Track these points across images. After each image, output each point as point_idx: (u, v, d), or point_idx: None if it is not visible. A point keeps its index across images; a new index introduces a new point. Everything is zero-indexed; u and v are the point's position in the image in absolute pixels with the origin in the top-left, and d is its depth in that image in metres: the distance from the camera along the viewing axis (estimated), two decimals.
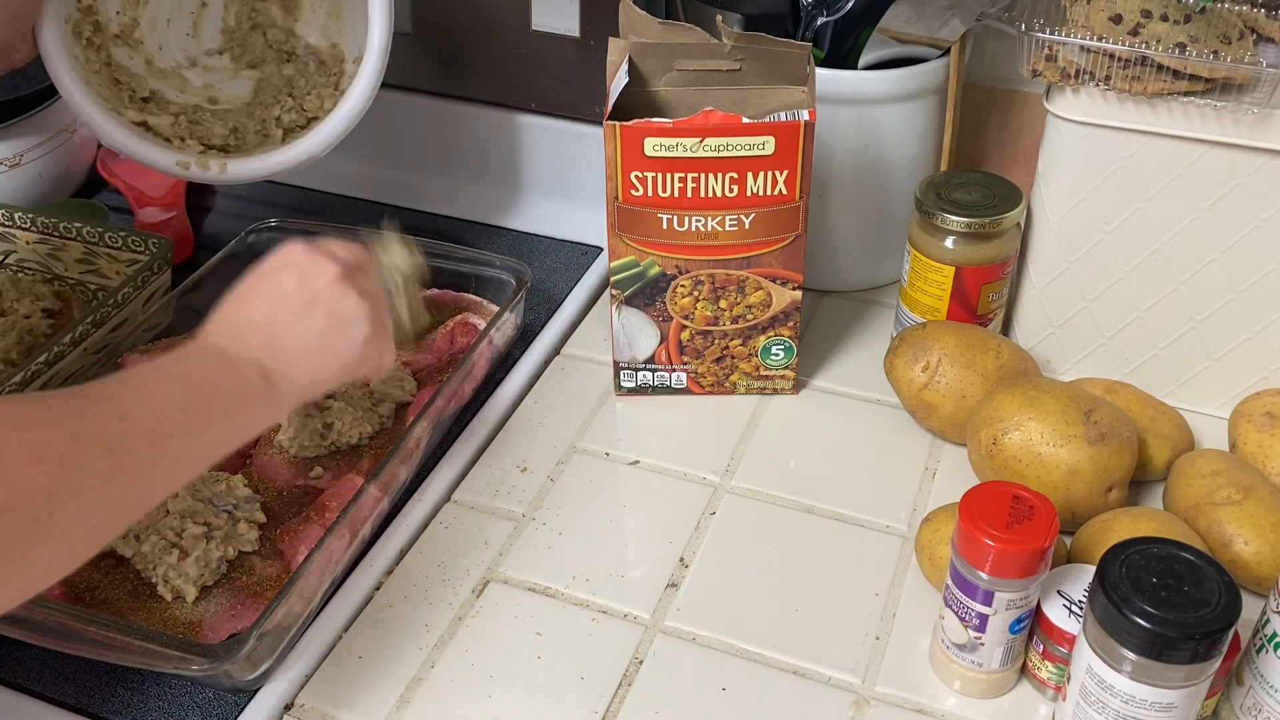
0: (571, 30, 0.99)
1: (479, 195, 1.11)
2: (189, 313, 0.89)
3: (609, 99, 0.77)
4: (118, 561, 0.72)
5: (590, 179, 1.03)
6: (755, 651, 0.69)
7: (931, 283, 0.84)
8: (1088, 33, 0.73)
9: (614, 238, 0.80)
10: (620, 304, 0.83)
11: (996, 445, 0.74)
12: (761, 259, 0.80)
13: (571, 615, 0.71)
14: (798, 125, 0.74)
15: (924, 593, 0.72)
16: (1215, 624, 0.54)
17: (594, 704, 0.66)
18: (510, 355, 0.91)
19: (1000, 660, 0.64)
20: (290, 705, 0.66)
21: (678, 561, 0.75)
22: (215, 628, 0.68)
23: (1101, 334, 0.84)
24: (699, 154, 0.75)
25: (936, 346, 0.80)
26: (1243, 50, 0.71)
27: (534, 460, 0.82)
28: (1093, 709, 0.59)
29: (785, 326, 0.84)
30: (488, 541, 0.76)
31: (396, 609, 0.72)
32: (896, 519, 0.77)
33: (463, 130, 1.09)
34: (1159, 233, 0.78)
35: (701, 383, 0.87)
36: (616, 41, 0.79)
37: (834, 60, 0.89)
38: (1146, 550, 0.58)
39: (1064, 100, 0.77)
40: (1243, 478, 0.72)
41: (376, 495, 0.74)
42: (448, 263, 0.94)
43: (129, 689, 0.67)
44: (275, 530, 0.74)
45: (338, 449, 0.80)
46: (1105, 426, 0.72)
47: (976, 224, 0.80)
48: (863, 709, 0.65)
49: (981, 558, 0.60)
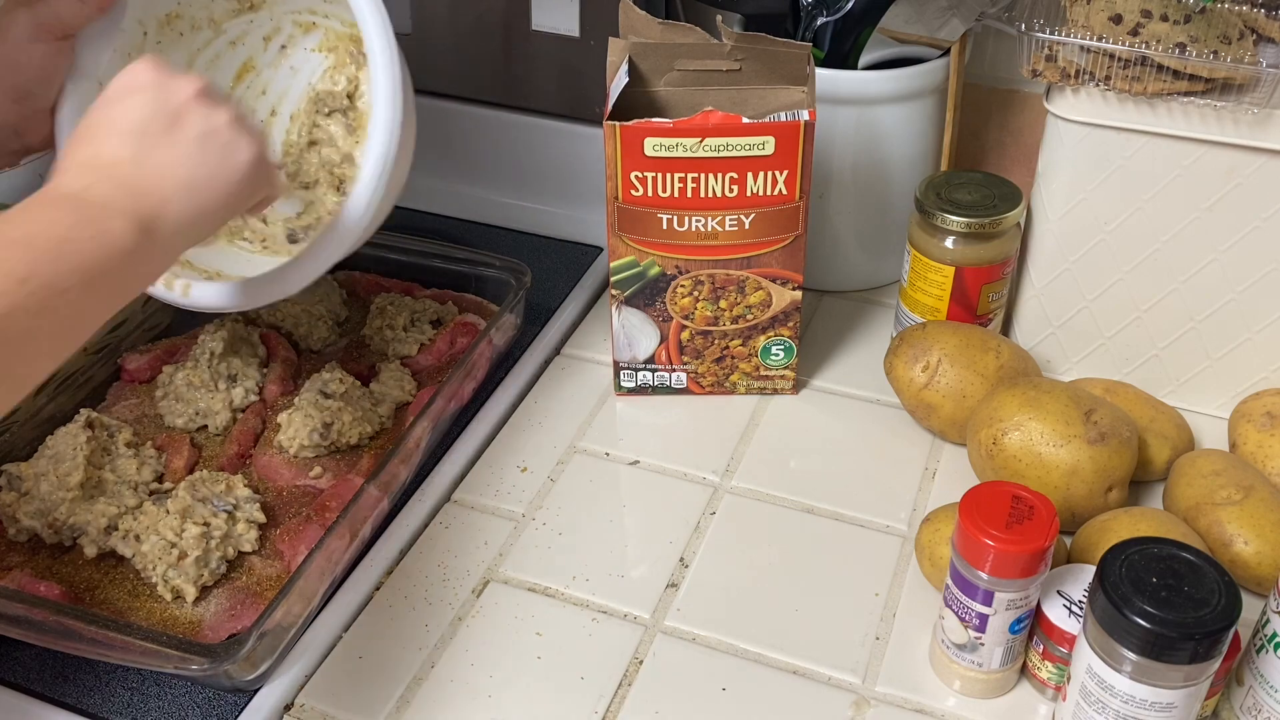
0: (571, 30, 0.99)
1: (479, 195, 1.11)
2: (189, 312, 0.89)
3: (609, 99, 0.77)
4: (118, 561, 0.72)
5: (590, 179, 1.03)
6: (755, 651, 0.69)
7: (931, 283, 0.84)
8: (1088, 33, 0.73)
9: (614, 238, 0.80)
10: (620, 304, 0.83)
11: (996, 445, 0.74)
12: (761, 259, 0.80)
13: (571, 615, 0.71)
14: (798, 125, 0.74)
15: (924, 593, 0.72)
16: (1215, 624, 0.54)
17: (594, 704, 0.66)
18: (510, 355, 0.91)
19: (1000, 660, 0.64)
20: (290, 705, 0.66)
21: (678, 561, 0.75)
22: (215, 628, 0.68)
23: (1101, 334, 0.84)
24: (699, 154, 0.75)
25: (936, 346, 0.80)
26: (1243, 50, 0.71)
27: (534, 460, 0.82)
28: (1093, 709, 0.59)
29: (785, 326, 0.84)
30: (488, 541, 0.76)
31: (396, 609, 0.72)
32: (896, 519, 0.77)
33: (463, 130, 1.09)
34: (1159, 233, 0.78)
35: (701, 383, 0.87)
36: (616, 41, 0.79)
37: (834, 60, 0.89)
38: (1146, 550, 0.58)
39: (1064, 100, 0.77)
40: (1243, 478, 0.72)
41: (376, 495, 0.74)
42: (447, 263, 0.94)
43: (129, 689, 0.67)
44: (275, 530, 0.74)
45: (338, 449, 0.80)
46: (1105, 426, 0.72)
47: (976, 224, 0.80)
48: (863, 709, 0.65)
49: (981, 558, 0.60)
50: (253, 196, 0.60)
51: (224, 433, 0.82)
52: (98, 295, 0.50)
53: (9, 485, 0.74)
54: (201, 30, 0.79)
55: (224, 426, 0.82)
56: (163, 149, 0.55)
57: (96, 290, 0.50)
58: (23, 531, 0.73)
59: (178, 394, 0.82)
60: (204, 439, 0.82)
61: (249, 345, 0.86)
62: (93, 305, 0.50)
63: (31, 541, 0.73)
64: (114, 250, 0.51)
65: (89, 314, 0.50)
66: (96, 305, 0.51)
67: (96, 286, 0.50)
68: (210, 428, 0.82)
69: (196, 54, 0.79)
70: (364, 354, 0.89)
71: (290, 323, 0.89)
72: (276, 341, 0.87)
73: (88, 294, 0.49)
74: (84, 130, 0.56)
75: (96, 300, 0.51)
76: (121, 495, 0.74)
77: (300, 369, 0.86)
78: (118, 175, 0.53)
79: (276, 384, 0.84)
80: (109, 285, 0.51)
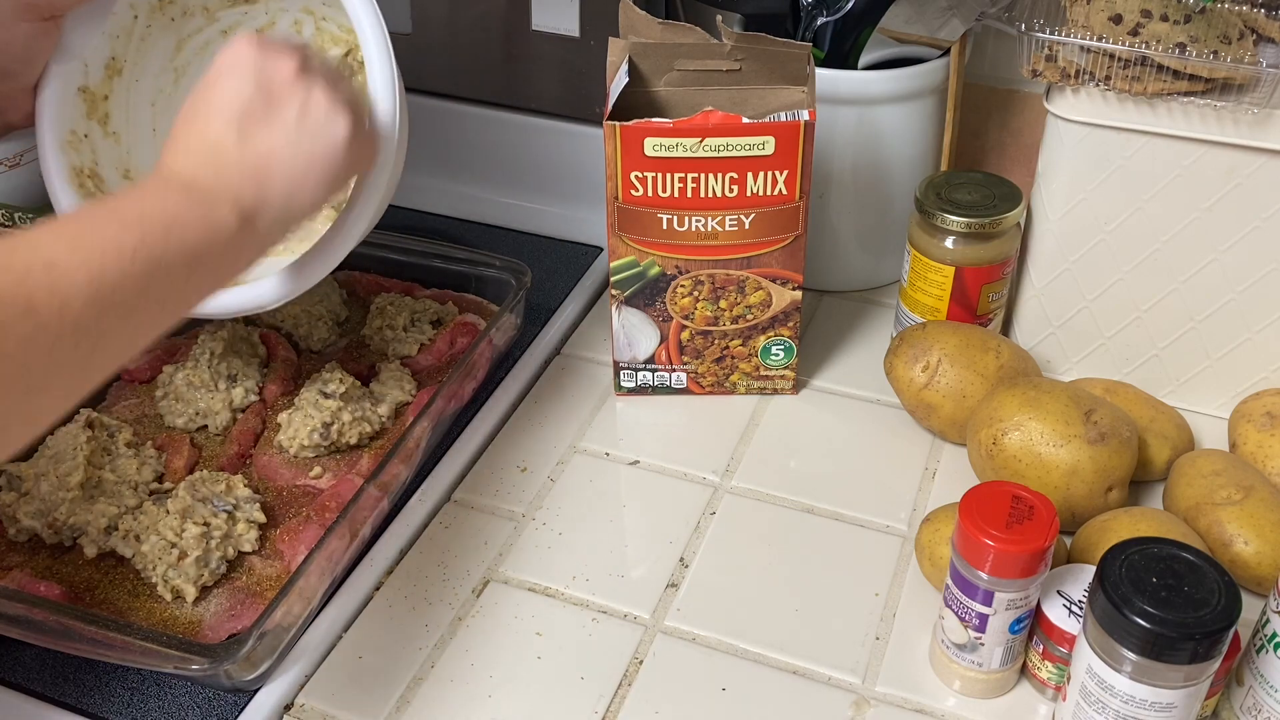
0: (571, 30, 0.99)
1: (479, 195, 1.11)
2: None
3: (609, 99, 0.77)
4: (118, 561, 0.72)
5: (590, 179, 1.03)
6: (755, 651, 0.69)
7: (931, 283, 0.84)
8: (1088, 33, 0.73)
9: (614, 238, 0.80)
10: (620, 304, 0.83)
11: (996, 445, 0.74)
12: (761, 259, 0.80)
13: (571, 615, 0.71)
14: (798, 125, 0.74)
15: (924, 593, 0.72)
16: (1215, 624, 0.54)
17: (594, 704, 0.66)
18: (510, 355, 0.91)
19: (1000, 660, 0.64)
20: (290, 705, 0.66)
21: (678, 561, 0.75)
22: (215, 628, 0.68)
23: (1101, 334, 0.84)
24: (699, 154, 0.75)
25: (936, 346, 0.80)
26: (1243, 50, 0.71)
27: (534, 460, 0.82)
28: (1093, 709, 0.59)
29: (785, 326, 0.84)
30: (488, 541, 0.76)
31: (396, 609, 0.72)
32: (896, 519, 0.77)
33: (463, 130, 1.09)
34: (1159, 233, 0.78)
35: (701, 383, 0.87)
36: (616, 41, 0.79)
37: (834, 60, 0.89)
38: (1146, 550, 0.58)
39: (1064, 100, 0.77)
40: (1243, 478, 0.72)
41: (376, 495, 0.74)
42: (447, 263, 0.94)
43: (129, 689, 0.67)
44: (275, 530, 0.74)
45: (338, 449, 0.80)
46: (1105, 426, 0.72)
47: (976, 224, 0.80)
48: (863, 709, 0.65)
49: (981, 558, 0.60)
50: (352, 171, 0.60)
51: (224, 433, 0.82)
52: (198, 277, 0.52)
53: (9, 485, 0.74)
54: (194, 16, 0.78)
55: (224, 426, 0.82)
56: (263, 132, 0.56)
57: (197, 272, 0.51)
58: (23, 531, 0.73)
59: (178, 394, 0.82)
60: (204, 439, 0.82)
61: (249, 345, 0.86)
62: (193, 287, 0.52)
63: (31, 541, 0.73)
64: (218, 235, 0.52)
65: (189, 295, 0.52)
66: (197, 287, 0.52)
67: (198, 269, 0.51)
68: (210, 428, 0.82)
69: (186, 40, 0.79)
70: (364, 354, 0.89)
71: (290, 323, 0.89)
72: (276, 341, 0.87)
73: (190, 275, 0.51)
74: (190, 110, 0.57)
75: (197, 282, 0.52)
76: (121, 495, 0.74)
77: (300, 369, 0.86)
78: (222, 159, 0.54)
79: (276, 384, 0.84)
80: (210, 268, 0.52)
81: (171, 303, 0.51)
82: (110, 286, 0.47)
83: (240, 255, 0.55)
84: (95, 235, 0.48)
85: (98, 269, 0.46)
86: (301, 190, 0.58)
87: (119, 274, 0.47)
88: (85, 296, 0.46)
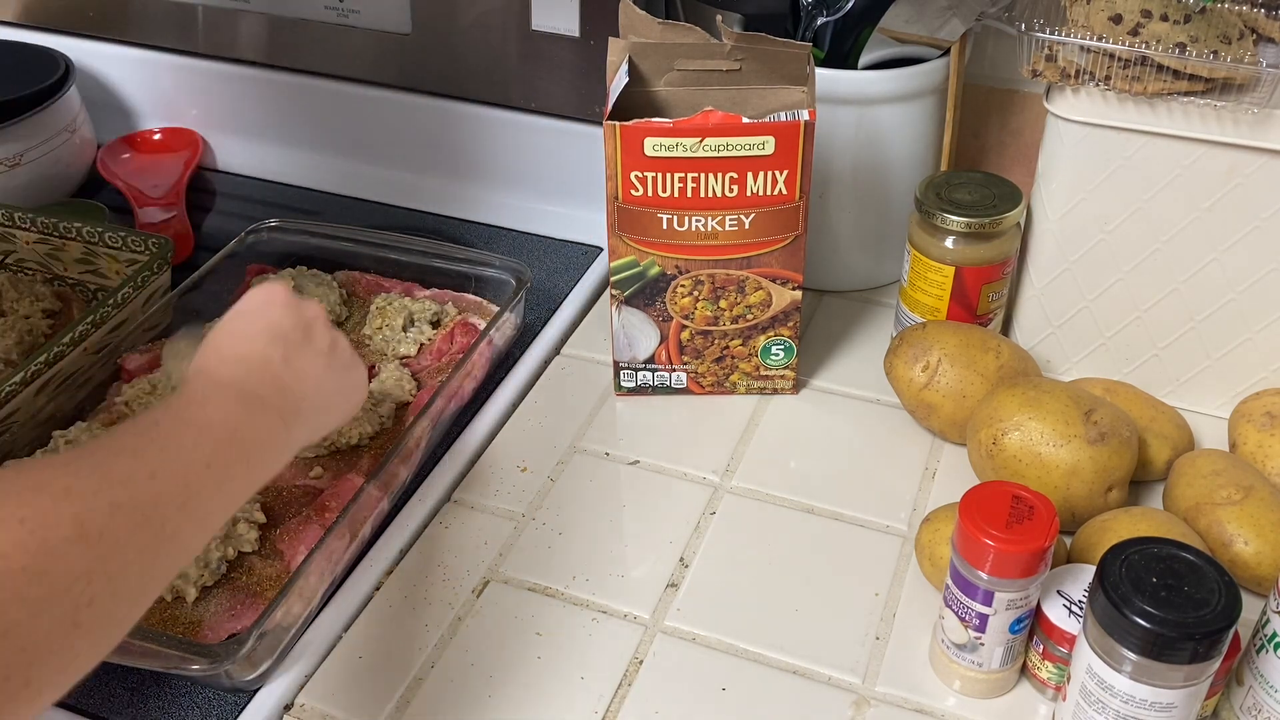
0: (571, 30, 0.99)
1: (479, 195, 1.11)
2: (189, 313, 0.89)
3: (609, 99, 0.77)
4: None
5: (590, 179, 1.03)
6: (755, 651, 0.69)
7: (931, 283, 0.84)
8: (1088, 33, 0.73)
9: (614, 238, 0.80)
10: (620, 304, 0.83)
11: (996, 445, 0.74)
12: (761, 259, 0.80)
13: (571, 615, 0.71)
14: (798, 125, 0.74)
15: (924, 593, 0.72)
16: (1215, 624, 0.54)
17: (594, 704, 0.66)
18: (510, 355, 0.91)
19: (1000, 660, 0.64)
20: (290, 705, 0.66)
21: (678, 561, 0.75)
22: (215, 628, 0.68)
23: (1101, 334, 0.84)
24: (699, 154, 0.75)
25: (936, 346, 0.80)
26: (1243, 50, 0.71)
27: (534, 460, 0.82)
28: (1093, 709, 0.59)
29: (785, 326, 0.84)
30: (488, 541, 0.76)
31: (396, 609, 0.72)
32: (896, 519, 0.77)
33: (463, 130, 1.09)
34: (1159, 233, 0.78)
35: (701, 383, 0.87)
36: (616, 41, 0.79)
37: (834, 60, 0.89)
38: (1146, 550, 0.58)
39: (1064, 100, 0.77)
40: (1243, 478, 0.72)
41: (376, 495, 0.74)
42: (447, 263, 0.94)
43: (129, 689, 0.67)
44: (275, 530, 0.74)
45: (338, 449, 0.80)
46: (1105, 426, 0.72)
47: (976, 224, 0.80)
48: (863, 709, 0.65)
49: (981, 558, 0.60)
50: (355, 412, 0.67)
51: None
52: (251, 481, 0.56)
53: None
54: None
55: None
56: (302, 356, 0.62)
57: (251, 476, 0.56)
58: None
59: None
60: None
61: None
62: (246, 489, 0.55)
63: None
64: (268, 441, 0.57)
65: (241, 496, 0.55)
66: (247, 489, 0.55)
67: (252, 473, 0.56)
68: None
69: None
70: (364, 354, 0.89)
71: None
72: None
73: (247, 478, 0.55)
74: (227, 331, 0.62)
75: (249, 485, 0.56)
76: None
77: None
78: (270, 373, 0.59)
79: None
80: (258, 473, 0.56)
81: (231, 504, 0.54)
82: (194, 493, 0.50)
83: (279, 460, 0.59)
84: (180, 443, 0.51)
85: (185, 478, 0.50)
86: (327, 414, 0.64)
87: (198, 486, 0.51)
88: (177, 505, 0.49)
